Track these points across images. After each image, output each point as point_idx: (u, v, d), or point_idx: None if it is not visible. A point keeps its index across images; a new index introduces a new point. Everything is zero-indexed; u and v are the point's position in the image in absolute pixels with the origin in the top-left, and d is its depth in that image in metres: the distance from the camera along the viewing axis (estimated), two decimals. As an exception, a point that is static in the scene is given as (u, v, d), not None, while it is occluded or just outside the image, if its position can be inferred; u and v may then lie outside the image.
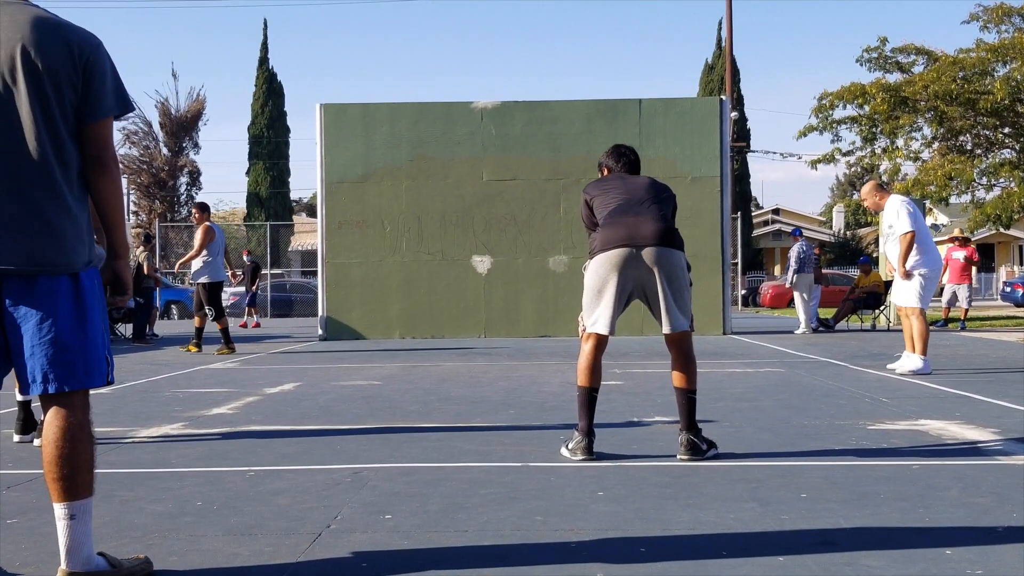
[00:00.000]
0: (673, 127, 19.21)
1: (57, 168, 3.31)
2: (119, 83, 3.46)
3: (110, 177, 3.42)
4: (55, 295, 3.30)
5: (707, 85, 53.19)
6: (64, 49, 3.31)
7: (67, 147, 3.34)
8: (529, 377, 10.68)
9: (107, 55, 3.43)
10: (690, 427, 5.73)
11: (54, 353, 3.30)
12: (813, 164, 28.35)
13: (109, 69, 3.42)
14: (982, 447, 6.05)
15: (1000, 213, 25.88)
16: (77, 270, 3.35)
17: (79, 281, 3.36)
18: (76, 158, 3.38)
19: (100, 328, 3.43)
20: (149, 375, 11.50)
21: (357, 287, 19.28)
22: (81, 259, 3.37)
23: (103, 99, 3.39)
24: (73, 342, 3.32)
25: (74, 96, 3.33)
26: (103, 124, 3.41)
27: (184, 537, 4.10)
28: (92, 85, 3.36)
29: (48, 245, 3.28)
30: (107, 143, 3.43)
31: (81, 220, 3.38)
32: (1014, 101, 25.06)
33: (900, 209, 10.62)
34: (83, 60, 3.34)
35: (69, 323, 3.32)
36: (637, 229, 5.66)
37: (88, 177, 3.41)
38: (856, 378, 10.23)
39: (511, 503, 4.65)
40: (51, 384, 3.30)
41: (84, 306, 3.37)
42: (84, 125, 3.37)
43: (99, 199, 3.43)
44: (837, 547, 3.84)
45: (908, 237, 10.54)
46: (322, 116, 19.47)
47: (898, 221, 10.62)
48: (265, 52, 53.80)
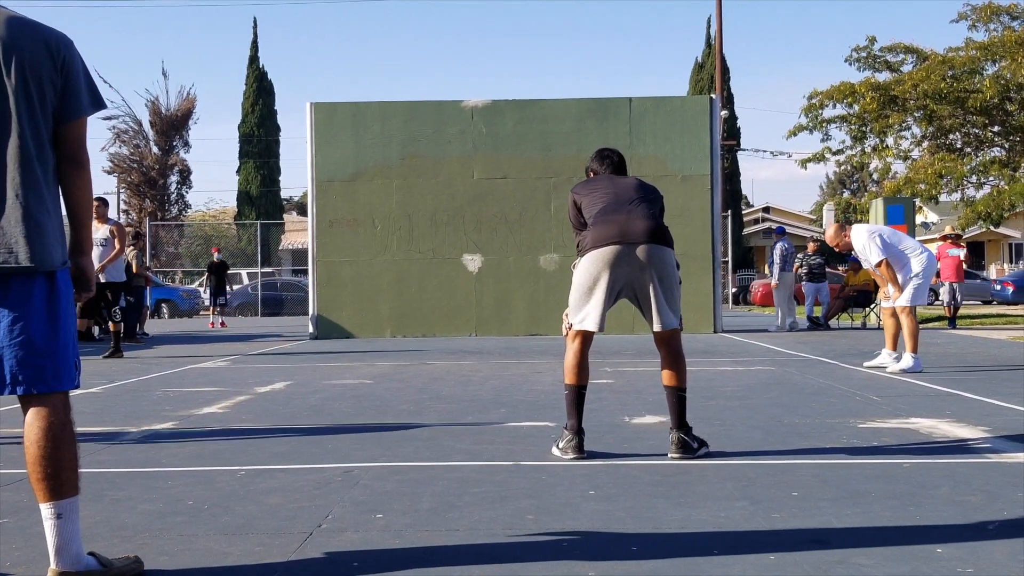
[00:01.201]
0: (663, 125, 19.22)
1: (39, 167, 3.31)
2: (92, 81, 3.48)
3: (85, 175, 3.45)
4: (30, 296, 3.29)
5: (697, 83, 53.26)
6: (43, 48, 3.32)
7: (46, 146, 3.35)
8: (520, 376, 10.68)
9: (79, 53, 3.45)
10: (681, 425, 5.73)
11: (24, 355, 3.28)
12: (803, 163, 28.42)
13: (82, 67, 3.44)
14: (972, 445, 6.07)
15: (991, 211, 25.97)
16: (55, 268, 3.35)
17: (55, 281, 3.36)
18: (52, 157, 3.38)
19: (71, 332, 3.42)
20: (139, 374, 11.47)
21: (348, 286, 19.26)
22: (59, 258, 3.37)
23: (79, 98, 3.40)
24: (44, 345, 3.31)
25: (54, 95, 3.35)
26: (80, 123, 3.42)
27: (175, 536, 4.09)
28: (69, 84, 3.38)
29: (34, 244, 3.27)
30: (83, 141, 3.45)
31: (57, 219, 3.39)
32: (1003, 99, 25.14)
33: (867, 243, 10.62)
34: (60, 59, 3.35)
35: (41, 326, 3.30)
36: (629, 227, 5.66)
37: (64, 175, 3.41)
38: (847, 376, 10.25)
39: (502, 502, 4.65)
40: (19, 386, 3.29)
41: (57, 308, 3.35)
42: (62, 124, 3.39)
43: (72, 197, 3.44)
44: (828, 545, 3.85)
45: (882, 268, 10.59)
46: (313, 115, 19.45)
47: (869, 255, 10.64)
48: (255, 51, 53.75)
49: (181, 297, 36.29)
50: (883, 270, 10.61)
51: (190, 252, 49.86)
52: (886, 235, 10.80)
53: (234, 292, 37.12)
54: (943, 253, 21.63)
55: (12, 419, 7.44)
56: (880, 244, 10.58)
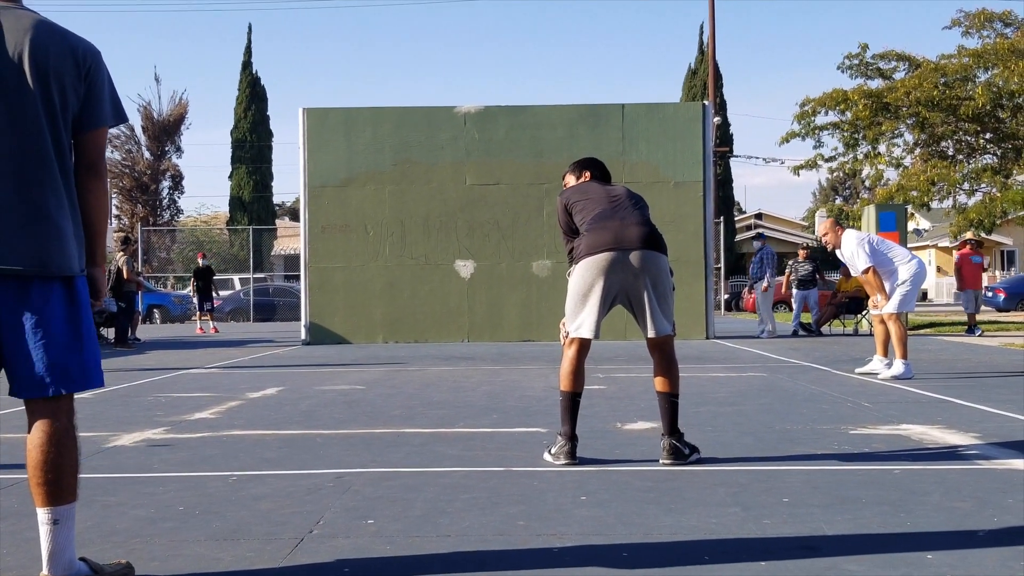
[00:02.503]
0: (656, 132, 19.24)
1: (59, 172, 3.33)
2: (115, 93, 3.51)
3: (103, 184, 3.47)
4: (50, 299, 3.30)
5: (690, 90, 53.32)
6: (69, 55, 3.34)
7: (66, 152, 3.37)
8: (512, 382, 10.68)
9: (105, 65, 3.48)
10: (672, 432, 5.73)
11: (50, 357, 3.29)
12: (795, 170, 28.49)
13: (107, 79, 3.47)
14: (963, 452, 6.08)
15: (983, 218, 26.03)
16: (76, 273, 3.37)
17: (74, 285, 3.37)
18: (72, 163, 3.40)
19: (92, 332, 3.45)
20: (131, 380, 11.46)
21: (340, 291, 19.24)
22: (78, 263, 3.39)
23: (102, 107, 3.43)
24: (69, 345, 3.33)
25: (76, 103, 3.37)
26: (101, 132, 3.45)
27: (166, 542, 4.08)
28: (93, 93, 3.41)
29: (54, 248, 3.29)
30: (103, 151, 3.49)
31: (77, 225, 3.39)
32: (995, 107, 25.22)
33: (856, 250, 10.70)
34: (86, 67, 3.38)
35: (64, 326, 3.32)
36: (623, 232, 5.66)
37: (82, 183, 3.43)
38: (838, 382, 10.26)
39: (493, 508, 4.65)
40: (49, 388, 3.29)
41: (79, 309, 3.37)
42: (82, 132, 3.41)
43: (90, 206, 3.45)
44: (819, 552, 3.86)
45: (869, 275, 10.64)
46: (305, 120, 19.44)
47: (857, 261, 10.69)
48: (249, 56, 53.73)
49: (173, 302, 36.22)
50: (870, 277, 10.66)
51: (182, 257, 49.73)
52: (875, 243, 10.86)
53: (226, 298, 37.09)
54: (965, 260, 21.47)
55: (9, 423, 7.43)
56: (868, 251, 10.64)
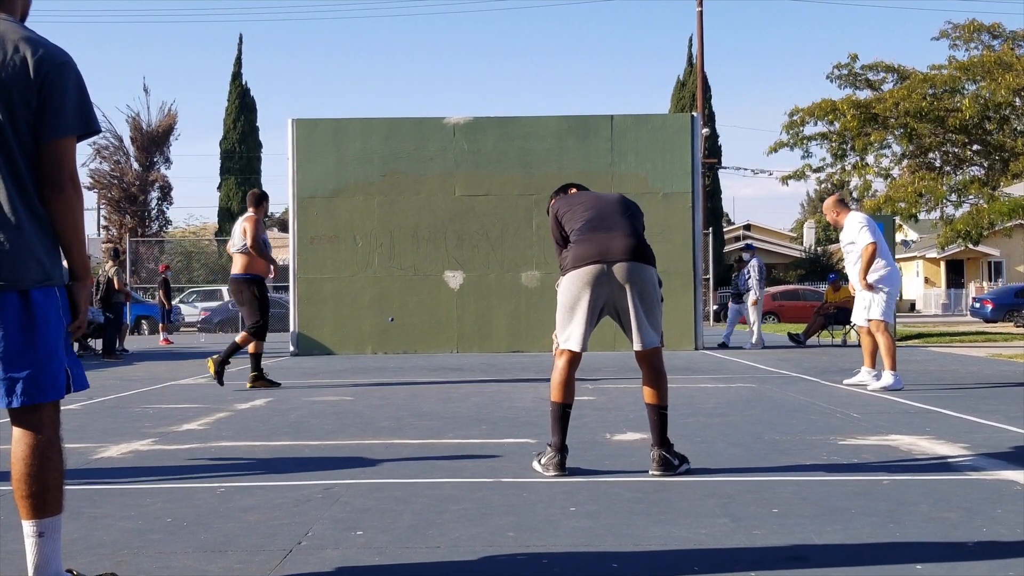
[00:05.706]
0: (645, 143, 19.27)
1: (11, 184, 3.24)
2: (84, 102, 3.35)
3: (63, 197, 3.31)
4: (2, 310, 3.24)
5: (679, 101, 53.47)
6: (22, 64, 3.24)
7: (18, 163, 3.25)
8: (501, 392, 10.66)
9: (73, 72, 3.33)
10: (662, 443, 5.73)
11: (4, 369, 3.25)
12: (784, 180, 28.58)
13: (72, 87, 3.31)
14: (952, 462, 6.08)
15: (970, 230, 26.12)
16: (26, 287, 3.26)
17: (29, 298, 3.27)
18: (29, 174, 3.29)
19: (51, 343, 3.33)
20: (119, 391, 11.42)
21: (329, 302, 19.21)
22: (31, 276, 3.27)
23: (60, 117, 3.28)
24: (21, 356, 3.26)
25: (27, 113, 3.25)
26: (60, 143, 3.30)
27: (154, 554, 4.06)
28: (49, 102, 3.26)
29: (2, 261, 3.21)
30: (63, 162, 3.31)
31: (33, 237, 3.28)
32: (983, 119, 25.33)
33: (860, 225, 10.74)
34: (41, 76, 3.25)
35: (17, 337, 3.25)
36: (609, 245, 5.66)
37: (43, 196, 3.31)
38: (827, 393, 10.27)
39: (483, 519, 4.64)
40: (8, 399, 3.26)
41: (35, 320, 3.27)
42: (41, 143, 3.28)
43: (53, 220, 3.33)
44: (808, 562, 3.85)
45: (871, 249, 10.63)
46: (294, 131, 19.42)
47: (859, 236, 10.72)
48: (239, 67, 53.78)
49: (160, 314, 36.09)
50: (870, 251, 10.62)
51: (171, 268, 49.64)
52: (879, 231, 10.94)
53: (215, 309, 37.09)
54: None
55: None
56: (871, 229, 10.71)
